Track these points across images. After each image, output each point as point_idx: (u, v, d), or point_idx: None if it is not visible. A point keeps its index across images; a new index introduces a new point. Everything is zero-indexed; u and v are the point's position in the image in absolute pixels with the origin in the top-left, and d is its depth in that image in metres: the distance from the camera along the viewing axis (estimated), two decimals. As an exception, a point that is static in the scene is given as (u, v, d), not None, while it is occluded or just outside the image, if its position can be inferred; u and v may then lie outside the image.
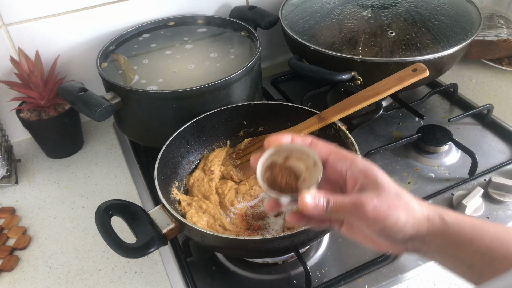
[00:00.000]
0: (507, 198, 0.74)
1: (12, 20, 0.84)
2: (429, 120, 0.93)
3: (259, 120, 0.80)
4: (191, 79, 0.80)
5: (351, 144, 0.67)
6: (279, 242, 0.56)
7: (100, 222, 0.57)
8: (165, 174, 0.69)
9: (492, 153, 0.85)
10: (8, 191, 0.86)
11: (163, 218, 0.59)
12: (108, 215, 0.58)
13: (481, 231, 0.40)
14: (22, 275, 0.70)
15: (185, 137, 0.74)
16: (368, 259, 0.67)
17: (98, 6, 0.89)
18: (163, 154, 0.68)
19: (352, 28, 0.86)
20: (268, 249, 0.58)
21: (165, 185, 0.68)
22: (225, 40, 0.91)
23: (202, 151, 0.78)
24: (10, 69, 0.86)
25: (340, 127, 0.70)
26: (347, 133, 0.69)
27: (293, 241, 0.56)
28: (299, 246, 0.61)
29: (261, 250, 0.59)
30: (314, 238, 0.60)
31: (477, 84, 1.04)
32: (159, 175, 0.65)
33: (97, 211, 0.58)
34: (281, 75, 1.09)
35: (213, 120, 0.77)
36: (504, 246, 0.39)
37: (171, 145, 0.71)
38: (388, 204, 0.41)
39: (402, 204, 0.41)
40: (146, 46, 0.89)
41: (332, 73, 0.80)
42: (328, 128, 0.72)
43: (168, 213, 0.60)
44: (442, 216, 0.42)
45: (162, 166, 0.67)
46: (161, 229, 0.58)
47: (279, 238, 0.55)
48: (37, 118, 0.86)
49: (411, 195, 0.43)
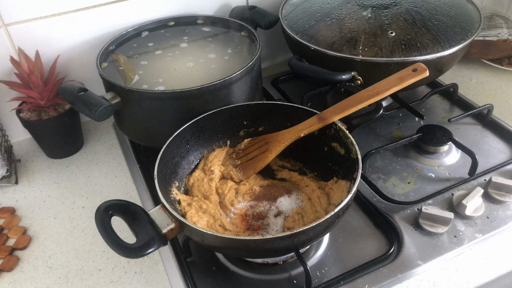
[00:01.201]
0: (507, 198, 0.74)
1: (12, 20, 0.84)
2: (429, 120, 0.93)
3: (259, 120, 0.79)
4: (191, 79, 0.80)
5: (351, 144, 0.67)
6: (279, 242, 0.56)
7: (100, 222, 0.57)
8: (165, 174, 0.69)
9: (492, 153, 0.85)
10: (8, 191, 0.86)
11: (163, 218, 0.59)
12: (108, 215, 0.58)
13: None
14: (22, 275, 0.70)
15: (185, 137, 0.74)
16: (368, 259, 0.67)
17: (98, 6, 0.89)
18: (163, 154, 0.68)
19: (352, 28, 0.86)
20: (268, 249, 0.58)
21: (165, 185, 0.68)
22: (225, 40, 0.91)
23: (202, 151, 0.78)
24: (10, 69, 0.86)
25: (340, 127, 0.70)
26: (347, 133, 0.69)
27: (293, 241, 0.56)
28: (299, 246, 0.61)
29: (261, 250, 0.59)
30: (314, 238, 0.60)
31: (477, 84, 1.04)
32: (159, 175, 0.65)
33: (97, 211, 0.58)
34: (281, 75, 1.09)
35: (213, 120, 0.77)
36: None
37: (171, 145, 0.71)
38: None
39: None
40: (146, 46, 0.89)
41: (332, 73, 0.80)
42: (328, 128, 0.72)
43: (168, 213, 0.60)
44: None
45: (162, 166, 0.67)
46: (161, 229, 0.58)
47: (279, 238, 0.55)
48: (37, 118, 0.86)
49: None
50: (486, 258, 0.67)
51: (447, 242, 0.69)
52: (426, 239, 0.70)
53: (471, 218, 0.72)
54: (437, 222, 0.70)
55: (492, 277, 0.65)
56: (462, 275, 0.66)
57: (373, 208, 0.75)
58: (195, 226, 0.57)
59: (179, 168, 0.74)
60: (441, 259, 0.67)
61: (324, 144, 0.74)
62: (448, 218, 0.69)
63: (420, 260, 0.67)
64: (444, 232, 0.70)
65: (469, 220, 0.72)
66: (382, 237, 0.71)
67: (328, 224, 0.58)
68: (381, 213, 0.74)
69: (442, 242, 0.69)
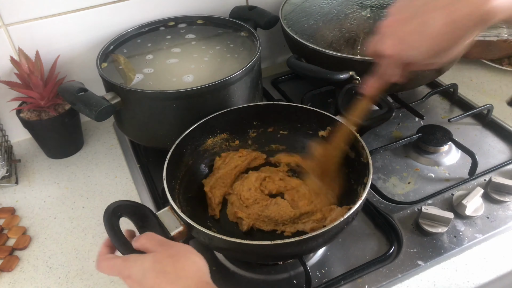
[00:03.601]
0: (507, 198, 0.74)
1: (12, 20, 0.84)
2: (429, 120, 0.93)
3: (269, 120, 0.80)
4: (191, 79, 0.80)
5: (362, 148, 0.66)
6: (286, 248, 0.55)
7: (108, 223, 0.55)
8: (173, 174, 0.68)
9: (492, 153, 0.85)
10: (8, 191, 0.86)
11: (171, 220, 0.59)
12: (116, 216, 0.56)
13: None
14: (22, 275, 0.70)
15: (194, 137, 0.74)
16: (368, 259, 0.67)
17: (98, 6, 0.89)
18: (171, 155, 0.67)
19: (351, 28, 0.86)
20: (274, 255, 0.58)
21: (173, 186, 0.67)
22: (225, 40, 0.90)
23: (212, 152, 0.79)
24: (10, 69, 0.86)
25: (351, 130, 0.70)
26: (358, 137, 0.68)
27: (301, 247, 0.56)
28: (306, 252, 0.60)
29: (268, 255, 0.59)
30: (322, 244, 0.60)
31: (477, 84, 1.04)
32: (168, 176, 0.64)
33: (105, 212, 0.56)
34: (281, 75, 1.09)
35: (223, 120, 0.77)
36: None
37: (180, 145, 0.70)
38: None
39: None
40: (146, 46, 0.89)
41: (330, 73, 0.80)
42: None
43: (176, 215, 0.59)
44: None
45: (170, 167, 0.66)
46: (169, 232, 0.57)
47: (287, 244, 0.54)
48: (37, 118, 0.86)
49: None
50: (486, 258, 0.67)
51: (447, 242, 0.69)
52: (426, 239, 0.70)
53: (471, 218, 0.72)
54: (437, 222, 0.70)
55: (492, 277, 0.65)
56: (462, 275, 0.66)
57: (373, 208, 0.75)
58: (203, 229, 0.56)
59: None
60: (441, 259, 0.67)
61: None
62: (448, 218, 0.69)
63: (420, 260, 0.67)
64: (444, 232, 0.70)
65: (469, 220, 0.72)
66: (382, 237, 0.71)
67: (337, 230, 0.58)
68: (381, 213, 0.74)
69: (442, 242, 0.69)
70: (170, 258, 0.48)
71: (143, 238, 0.52)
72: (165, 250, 0.50)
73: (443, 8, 0.47)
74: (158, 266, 0.47)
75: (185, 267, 0.48)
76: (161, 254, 0.49)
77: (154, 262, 0.48)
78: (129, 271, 0.48)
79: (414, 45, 0.50)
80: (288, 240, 0.54)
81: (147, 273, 0.47)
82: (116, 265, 0.50)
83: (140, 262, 0.48)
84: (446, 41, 0.49)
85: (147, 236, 0.53)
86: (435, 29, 0.48)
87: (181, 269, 0.47)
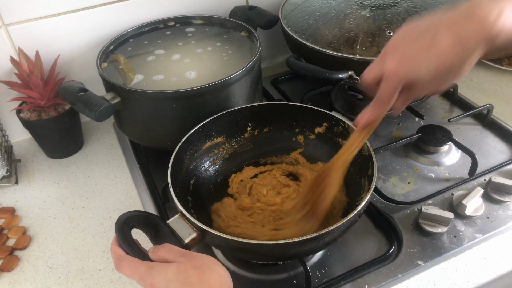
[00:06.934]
0: (507, 198, 0.74)
1: (12, 20, 0.84)
2: (429, 120, 0.93)
3: (264, 120, 0.80)
4: (191, 79, 0.80)
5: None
6: (304, 245, 0.55)
7: (121, 235, 0.54)
8: (179, 181, 0.67)
9: (492, 153, 0.85)
10: (8, 191, 0.86)
11: (183, 228, 0.57)
12: (129, 227, 0.55)
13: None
14: (22, 275, 0.70)
15: (192, 142, 0.73)
16: (368, 259, 0.67)
17: (98, 6, 0.89)
18: (173, 163, 0.66)
19: (351, 27, 0.86)
20: (286, 255, 0.58)
21: (182, 192, 0.67)
22: (225, 40, 0.90)
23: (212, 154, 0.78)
24: (10, 69, 0.86)
25: (348, 125, 0.70)
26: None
27: (318, 242, 0.55)
28: (324, 247, 0.60)
29: (281, 256, 0.59)
30: (336, 238, 0.59)
31: (477, 84, 1.04)
32: (173, 183, 0.63)
33: (117, 223, 0.55)
34: (281, 75, 1.09)
35: (218, 124, 0.76)
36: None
37: (180, 152, 0.69)
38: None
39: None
40: (146, 46, 0.89)
41: (329, 72, 0.80)
42: (336, 126, 0.72)
43: (188, 222, 0.58)
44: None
45: (174, 174, 0.65)
46: (183, 240, 0.56)
47: (303, 241, 0.53)
48: (37, 118, 0.86)
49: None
50: (486, 258, 0.67)
51: (447, 242, 0.69)
52: (426, 239, 0.70)
53: (471, 218, 0.72)
54: (437, 222, 0.70)
55: (492, 277, 0.65)
56: (462, 275, 0.66)
57: (373, 208, 0.75)
58: (217, 233, 0.55)
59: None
60: (441, 259, 0.67)
61: (332, 142, 0.74)
62: (448, 218, 0.69)
63: (420, 260, 0.67)
64: (444, 232, 0.70)
65: (469, 220, 0.72)
66: (382, 237, 0.71)
67: (349, 224, 0.58)
68: (381, 213, 0.74)
69: (442, 242, 0.69)
70: (195, 269, 0.47)
71: (162, 251, 0.51)
72: (188, 261, 0.49)
73: (449, 27, 0.48)
74: (182, 277, 0.46)
75: (210, 280, 0.47)
76: (185, 265, 0.48)
77: (178, 273, 0.47)
78: (153, 280, 0.47)
79: (420, 63, 0.49)
80: (305, 237, 0.53)
81: (171, 284, 0.46)
82: (140, 271, 0.49)
83: (164, 271, 0.47)
84: (453, 60, 0.48)
85: (166, 249, 0.51)
86: (442, 47, 0.48)
87: (207, 282, 0.46)
